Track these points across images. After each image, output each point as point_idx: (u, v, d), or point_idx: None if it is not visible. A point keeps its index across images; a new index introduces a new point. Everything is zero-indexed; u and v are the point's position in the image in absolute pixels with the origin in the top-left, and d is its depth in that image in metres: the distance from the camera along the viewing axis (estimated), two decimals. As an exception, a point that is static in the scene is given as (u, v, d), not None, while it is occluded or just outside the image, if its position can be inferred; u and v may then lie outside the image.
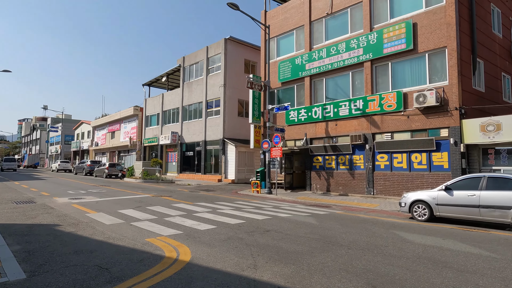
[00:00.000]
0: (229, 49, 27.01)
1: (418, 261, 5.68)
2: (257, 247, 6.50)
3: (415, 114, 14.69)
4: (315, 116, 18.55)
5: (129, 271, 5.03)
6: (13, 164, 42.06)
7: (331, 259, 5.76)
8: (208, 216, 10.07)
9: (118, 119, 43.42)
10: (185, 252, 6.09)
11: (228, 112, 26.69)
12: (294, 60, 19.84)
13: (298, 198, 16.02)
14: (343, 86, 17.87)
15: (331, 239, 7.26)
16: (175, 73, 34.19)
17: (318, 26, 19.23)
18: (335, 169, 17.81)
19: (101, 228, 8.14)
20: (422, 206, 10.23)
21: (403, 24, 15.12)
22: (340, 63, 17.53)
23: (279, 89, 21.15)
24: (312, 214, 11.02)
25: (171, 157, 33.10)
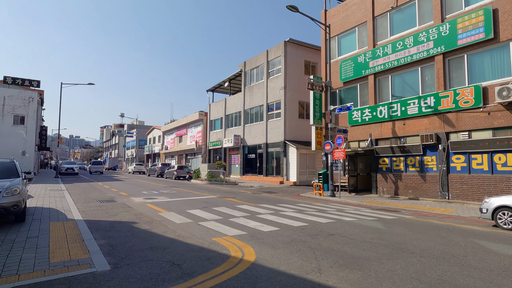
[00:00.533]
0: (289, 51, 27.04)
1: (504, 274, 5.10)
2: (321, 251, 6.41)
3: (497, 110, 13.20)
4: (380, 115, 17.67)
5: (199, 268, 5.31)
6: (100, 167, 43.95)
7: (401, 267, 5.44)
8: (271, 218, 10.18)
9: (184, 124, 46.06)
10: (250, 253, 6.24)
11: (289, 114, 26.69)
12: (357, 58, 19.15)
13: (363, 201, 15.39)
14: (411, 82, 16.76)
15: (400, 246, 6.85)
16: (236, 78, 35.23)
17: (382, 21, 18.32)
18: (404, 171, 16.75)
19: (172, 226, 8.71)
20: (509, 213, 9.13)
21: (481, 12, 13.70)
22: (408, 59, 16.47)
23: (341, 89, 20.58)
24: (379, 218, 10.51)
25: (234, 159, 34.11)
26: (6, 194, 8.11)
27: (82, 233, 7.56)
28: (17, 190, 8.39)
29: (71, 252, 6.05)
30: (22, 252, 6.05)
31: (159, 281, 4.71)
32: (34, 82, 34.89)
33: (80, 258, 5.70)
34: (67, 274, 4.94)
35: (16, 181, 8.87)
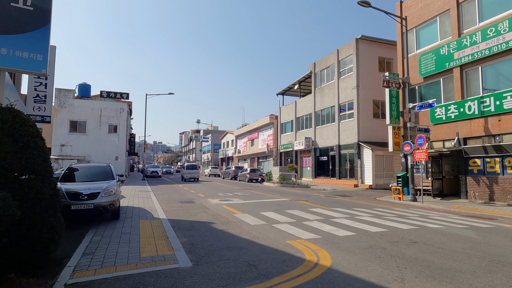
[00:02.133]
0: (361, 48, 25.91)
1: None
2: (403, 259, 5.97)
3: None
4: (469, 111, 15.88)
5: (274, 270, 5.36)
6: (196, 172, 34.69)
7: (501, 282, 4.79)
8: (346, 222, 9.82)
9: (256, 128, 47.13)
10: (325, 257, 6.09)
11: (362, 114, 25.54)
12: (439, 50, 17.52)
13: (450, 207, 13.96)
14: (507, 73, 14.74)
15: (500, 258, 6.03)
16: (306, 80, 34.93)
17: (469, 7, 16.49)
18: (501, 173, 14.77)
19: (247, 228, 8.95)
20: None
21: None
22: (502, 46, 14.53)
23: (420, 85, 19.02)
24: (471, 226, 9.41)
25: (305, 162, 33.79)
26: (104, 194, 9.22)
27: (167, 231, 8.20)
28: (112, 191, 9.48)
29: (158, 248, 6.60)
30: (118, 246, 6.79)
31: (237, 280, 4.86)
32: (124, 95, 39.19)
33: (166, 254, 6.18)
34: (155, 268, 5.40)
35: (112, 183, 10.04)
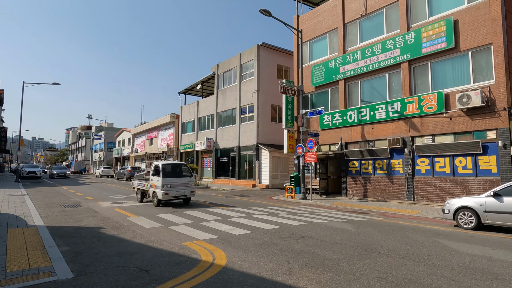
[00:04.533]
0: (262, 55, 27.22)
1: (464, 272, 5.35)
2: (292, 253, 6.44)
3: (458, 116, 13.93)
4: (350, 120, 18.15)
5: (168, 273, 5.17)
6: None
7: (369, 267, 5.57)
8: (243, 221, 10.13)
9: (156, 126, 45.09)
10: (221, 257, 6.16)
11: (262, 117, 26.82)
12: (328, 63, 19.59)
13: (333, 204, 15.69)
14: (379, 88, 17.35)
15: (369, 247, 7.02)
16: (209, 81, 34.98)
17: (352, 28, 18.87)
18: (372, 174, 17.27)
19: (141, 231, 8.45)
20: (468, 213, 9.63)
21: (443, 22, 14.45)
22: (376, 65, 17.06)
23: (312, 94, 20.95)
24: (349, 220, 10.75)
25: (206, 162, 33.77)
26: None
27: (44, 240, 7.16)
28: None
29: (30, 260, 5.71)
30: (-25, 262, 5.63)
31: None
32: (-7, 81, 32.81)
33: (41, 267, 5.39)
34: (25, 283, 4.65)
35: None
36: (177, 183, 13.56)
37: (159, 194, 13.21)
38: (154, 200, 13.60)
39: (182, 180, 13.79)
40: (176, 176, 13.73)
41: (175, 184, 13.47)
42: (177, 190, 13.43)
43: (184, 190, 13.69)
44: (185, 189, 13.74)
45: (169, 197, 13.18)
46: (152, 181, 13.83)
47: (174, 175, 13.74)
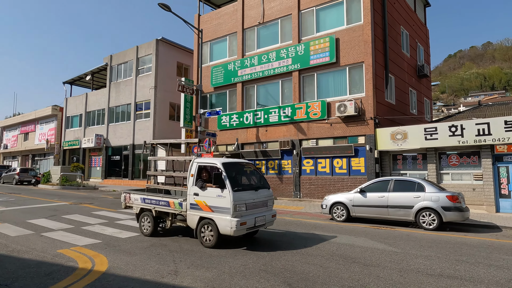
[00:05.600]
0: (161, 50, 26.23)
1: (331, 259, 6.14)
2: (180, 253, 6.41)
3: (337, 122, 15.86)
4: (246, 121, 18.91)
5: (34, 286, 4.59)
6: None
7: (252, 261, 5.93)
8: (131, 223, 9.62)
9: (33, 119, 39.12)
10: (102, 262, 5.75)
11: (159, 115, 25.83)
12: (227, 65, 20.04)
13: (228, 202, 16.09)
14: (273, 93, 18.54)
15: (252, 241, 7.46)
16: (101, 72, 32.04)
17: (250, 34, 19.71)
18: (265, 173, 18.32)
19: (4, 240, 7.27)
20: (341, 207, 11.06)
21: (327, 39, 16.27)
22: (271, 71, 18.18)
23: (211, 94, 21.14)
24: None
25: (95, 161, 30.82)
26: None
27: None
28: None
29: None
30: None
31: (-25, 308, 3.86)
32: None
33: None
34: None
35: None
36: (255, 201, 7.24)
37: (225, 225, 6.61)
38: (208, 237, 6.93)
39: (261, 195, 7.50)
40: (251, 188, 7.42)
41: (253, 204, 7.15)
42: (257, 215, 7.15)
43: (265, 214, 7.41)
44: (266, 212, 7.51)
45: (244, 230, 6.82)
46: (199, 197, 7.13)
47: (249, 187, 7.46)
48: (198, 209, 7.11)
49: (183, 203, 7.34)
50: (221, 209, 6.73)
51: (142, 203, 8.24)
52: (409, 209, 9.82)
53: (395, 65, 17.46)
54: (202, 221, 7.05)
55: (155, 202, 7.90)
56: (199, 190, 7.12)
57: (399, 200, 10.03)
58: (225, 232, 6.63)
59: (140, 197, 8.30)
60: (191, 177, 7.36)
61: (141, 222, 8.24)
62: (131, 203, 8.59)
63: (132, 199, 8.54)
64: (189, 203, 7.26)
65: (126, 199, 8.77)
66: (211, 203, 6.90)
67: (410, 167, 14.46)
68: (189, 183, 7.35)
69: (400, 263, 5.90)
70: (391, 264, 5.80)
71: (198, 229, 7.09)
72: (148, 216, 8.07)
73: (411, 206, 9.79)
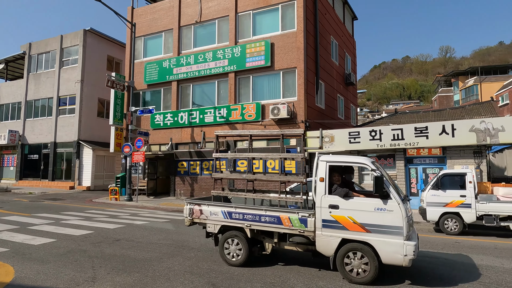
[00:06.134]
0: (90, 42, 24.43)
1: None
2: (101, 259, 6.05)
3: (270, 124, 16.33)
4: (181, 121, 18.51)
5: None
6: None
7: (178, 263, 5.84)
8: (48, 228, 8.81)
9: None
10: (7, 273, 5.18)
11: (86, 111, 24.01)
12: (162, 63, 19.41)
13: (160, 204, 15.61)
14: (209, 93, 18.43)
15: (182, 243, 7.35)
16: (17, 61, 28.74)
17: (187, 32, 19.36)
18: (199, 174, 18.13)
19: None
20: (271, 207, 11.39)
21: (263, 43, 16.68)
22: (207, 71, 18.05)
23: (145, 91, 20.29)
24: (171, 220, 10.94)
25: (7, 160, 27.52)
26: None
27: None
28: None
29: None
30: None
31: None
32: None
33: None
34: None
35: None
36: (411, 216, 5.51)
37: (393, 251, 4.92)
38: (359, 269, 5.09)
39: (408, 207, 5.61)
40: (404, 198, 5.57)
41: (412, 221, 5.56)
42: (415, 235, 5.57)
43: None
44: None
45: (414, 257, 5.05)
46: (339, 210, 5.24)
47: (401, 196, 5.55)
48: (338, 228, 5.14)
49: (308, 220, 5.32)
50: (385, 229, 4.92)
51: (225, 219, 6.05)
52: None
53: (325, 72, 18.56)
54: (346, 245, 5.11)
55: (252, 218, 5.80)
56: (340, 200, 5.19)
57: (324, 199, 10.65)
58: (392, 261, 4.87)
59: (222, 211, 6.11)
60: (320, 182, 5.40)
61: (225, 246, 5.97)
62: (205, 219, 6.25)
63: (207, 213, 6.23)
64: (321, 219, 5.25)
65: (194, 213, 6.37)
66: (365, 220, 5.03)
67: (336, 168, 15.47)
68: (318, 191, 5.36)
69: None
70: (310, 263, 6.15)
71: (339, 257, 5.11)
72: (238, 237, 5.90)
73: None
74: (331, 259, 5.20)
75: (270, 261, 6.02)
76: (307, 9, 16.47)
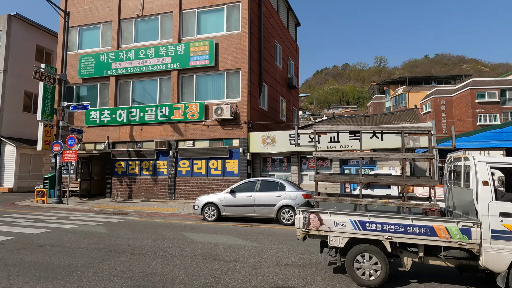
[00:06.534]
0: (15, 28, 22.14)
1: (193, 258, 6.25)
2: (20, 266, 5.53)
3: (213, 125, 16.25)
4: (119, 119, 17.61)
5: None
6: None
7: (108, 268, 5.55)
8: (-44, 235, 7.82)
9: None
10: None
11: (9, 105, 21.70)
12: (99, 56, 18.28)
13: (94, 206, 14.70)
14: (150, 91, 17.79)
15: (115, 247, 7.00)
16: None
17: (127, 26, 18.47)
18: (139, 174, 17.41)
19: None
20: (212, 207, 11.36)
21: (207, 42, 16.55)
22: (149, 68, 17.40)
23: (79, 86, 18.94)
24: (105, 222, 10.35)
25: None
26: None
27: None
28: None
29: None
30: None
31: None
32: None
33: None
34: None
35: None
36: None
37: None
38: None
39: None
40: None
41: None
42: None
43: None
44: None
45: None
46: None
47: None
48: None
49: (473, 230, 4.60)
50: None
51: (356, 230, 5.06)
52: (272, 207, 10.79)
53: (269, 75, 18.97)
54: None
55: (394, 229, 4.89)
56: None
57: (264, 199, 10.91)
58: None
59: (352, 220, 5.09)
60: (483, 186, 4.71)
61: (355, 263, 5.05)
62: (326, 231, 5.20)
63: (329, 223, 5.17)
64: (490, 229, 4.58)
65: (311, 223, 5.24)
66: None
67: (277, 169, 15.90)
68: (483, 196, 4.68)
69: (255, 257, 6.42)
70: (247, 259, 6.26)
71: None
72: (372, 252, 4.99)
73: (273, 204, 10.78)
74: (502, 277, 4.49)
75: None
76: (252, 12, 16.70)
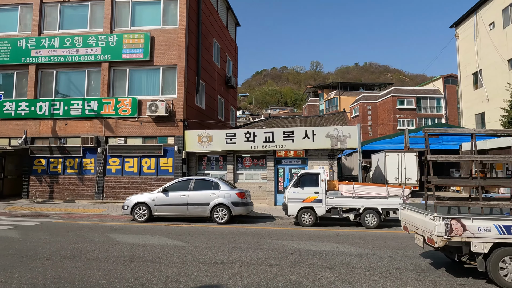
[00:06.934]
0: None
1: (118, 260, 5.97)
2: None
3: (147, 122, 15.63)
4: (40, 111, 16.02)
5: None
6: None
7: (19, 275, 5.05)
8: None
9: None
10: None
11: None
12: (16, 41, 16.42)
13: (6, 208, 13.21)
14: (77, 83, 16.48)
15: (29, 253, 6.39)
16: None
17: (51, 10, 16.87)
18: (62, 173, 16.03)
19: None
20: (143, 207, 10.93)
21: (142, 35, 15.84)
22: (76, 58, 16.09)
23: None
24: (18, 226, 9.37)
25: None
26: None
27: None
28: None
29: None
30: None
31: None
32: None
33: None
34: None
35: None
36: None
37: None
38: None
39: None
40: None
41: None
42: None
43: None
44: None
45: None
46: None
47: None
48: None
49: None
50: None
51: (501, 235, 4.90)
52: (206, 206, 10.74)
53: (207, 73, 18.81)
54: None
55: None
56: None
57: (198, 198, 10.82)
58: None
59: (496, 225, 4.91)
60: None
61: (501, 267, 4.88)
62: (469, 237, 4.96)
63: (473, 229, 4.94)
64: None
65: (454, 230, 4.95)
66: None
67: (213, 168, 15.85)
68: None
69: (184, 256, 6.35)
70: (176, 258, 6.17)
71: None
72: None
73: (207, 203, 10.74)
74: None
75: (139, 262, 5.75)
76: (190, 8, 16.40)
